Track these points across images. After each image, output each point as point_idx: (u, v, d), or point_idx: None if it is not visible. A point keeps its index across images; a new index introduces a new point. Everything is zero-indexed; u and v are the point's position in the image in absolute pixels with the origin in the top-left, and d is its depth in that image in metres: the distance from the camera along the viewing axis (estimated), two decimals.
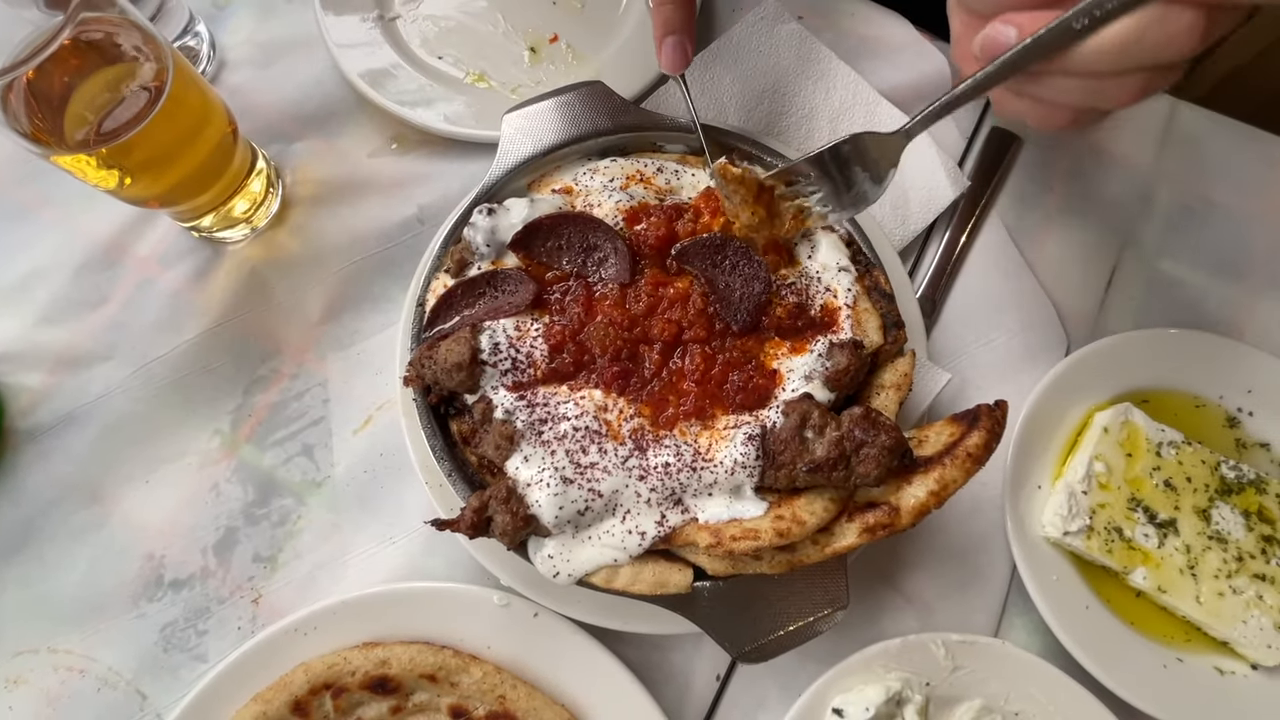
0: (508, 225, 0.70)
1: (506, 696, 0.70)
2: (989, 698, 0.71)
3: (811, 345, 0.69)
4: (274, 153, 0.92)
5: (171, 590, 0.78)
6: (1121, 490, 0.76)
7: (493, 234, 0.70)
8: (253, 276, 0.88)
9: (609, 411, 0.66)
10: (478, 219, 0.71)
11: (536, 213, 0.70)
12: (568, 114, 0.79)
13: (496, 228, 0.70)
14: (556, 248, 0.71)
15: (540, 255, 0.71)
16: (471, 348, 0.66)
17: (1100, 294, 0.89)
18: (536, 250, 0.71)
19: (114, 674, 0.75)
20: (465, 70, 0.95)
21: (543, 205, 0.72)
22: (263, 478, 0.81)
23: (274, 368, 0.85)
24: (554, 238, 0.71)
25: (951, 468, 0.62)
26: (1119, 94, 0.52)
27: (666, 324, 0.69)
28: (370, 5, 0.96)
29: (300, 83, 0.96)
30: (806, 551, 0.64)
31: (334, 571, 0.79)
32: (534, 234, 0.70)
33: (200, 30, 0.95)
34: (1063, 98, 0.54)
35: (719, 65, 0.94)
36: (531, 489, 0.62)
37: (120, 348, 0.85)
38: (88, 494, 0.80)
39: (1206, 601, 0.72)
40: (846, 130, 0.93)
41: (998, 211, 0.92)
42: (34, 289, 0.87)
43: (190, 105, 0.73)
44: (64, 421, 0.82)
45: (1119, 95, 0.52)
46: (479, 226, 0.71)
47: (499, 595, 0.72)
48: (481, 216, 0.71)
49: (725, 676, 0.76)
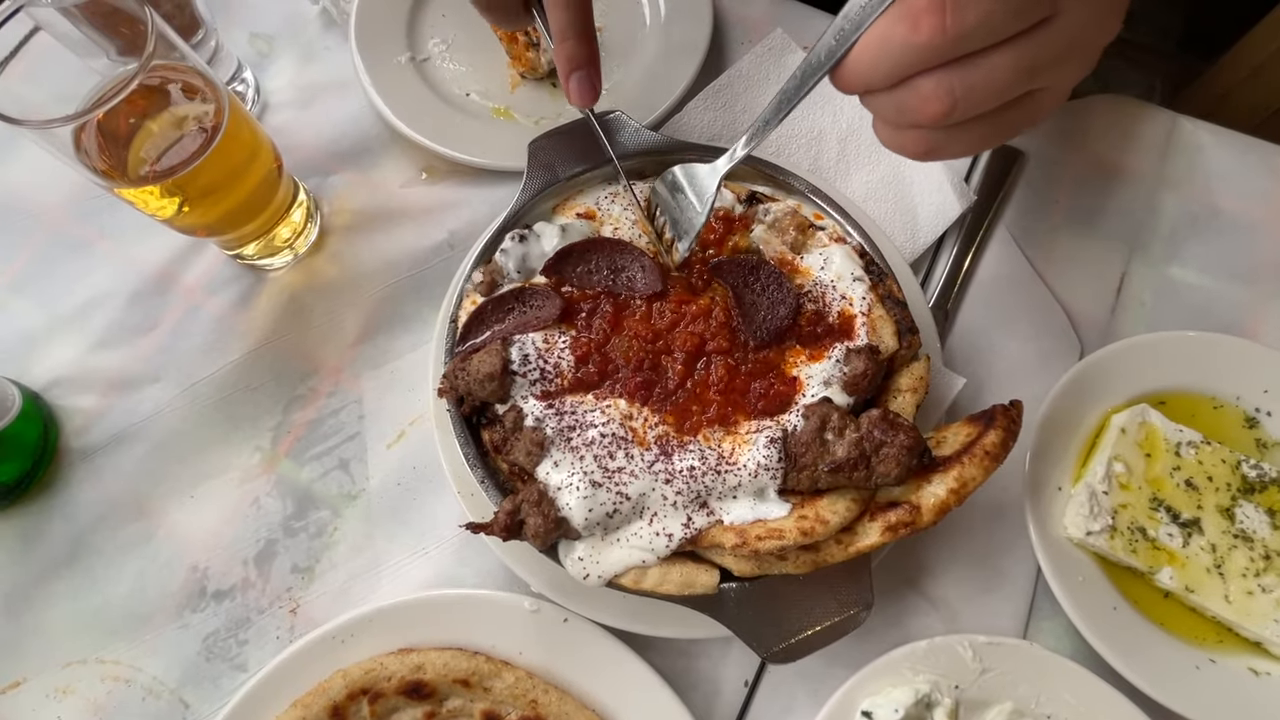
0: (539, 253, 0.75)
1: (538, 701, 0.71)
2: (1019, 700, 0.71)
3: (829, 352, 0.71)
4: (313, 185, 0.98)
5: (214, 601, 0.80)
6: (1143, 490, 0.77)
7: (524, 261, 0.75)
8: (292, 301, 0.93)
9: (634, 419, 0.69)
10: (509, 245, 0.75)
11: (567, 239, 0.75)
12: (588, 141, 0.84)
13: (528, 255, 0.75)
14: (586, 272, 0.75)
15: (571, 279, 0.75)
16: (502, 359, 0.69)
17: (1110, 301, 0.91)
18: (568, 275, 0.75)
19: (158, 683, 0.77)
20: (491, 104, 1.01)
21: (573, 232, 0.76)
22: (301, 491, 0.85)
23: (312, 386, 0.89)
24: (583, 263, 0.75)
25: (970, 466, 0.64)
26: (922, 108, 0.51)
27: (689, 336, 0.72)
28: (403, 48, 1.03)
29: (337, 121, 1.02)
30: (830, 551, 0.65)
31: (369, 581, 0.81)
32: (564, 260, 0.74)
33: (247, 76, 1.02)
34: (885, 115, 0.55)
35: (730, 94, 0.99)
36: (562, 493, 0.64)
37: (168, 370, 0.90)
38: (135, 509, 0.84)
39: (1236, 600, 0.72)
40: (854, 152, 0.97)
41: (1005, 224, 0.94)
42: (90, 316, 0.92)
43: (242, 141, 0.79)
44: (114, 440, 0.87)
45: (922, 109, 0.51)
46: (511, 253, 0.75)
47: (530, 601, 0.74)
48: (514, 243, 0.75)
49: (754, 682, 0.76)
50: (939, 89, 0.50)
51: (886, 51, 0.50)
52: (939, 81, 0.50)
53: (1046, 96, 0.54)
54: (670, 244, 0.75)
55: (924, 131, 0.54)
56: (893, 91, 0.52)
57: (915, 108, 0.52)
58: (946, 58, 0.49)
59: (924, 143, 0.55)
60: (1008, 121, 0.54)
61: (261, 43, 1.08)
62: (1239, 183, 0.96)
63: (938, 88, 0.50)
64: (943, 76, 0.50)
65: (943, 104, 0.50)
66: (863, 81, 0.53)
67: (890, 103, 0.53)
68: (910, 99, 0.51)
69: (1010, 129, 0.55)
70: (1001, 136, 0.56)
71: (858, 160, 0.96)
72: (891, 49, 0.50)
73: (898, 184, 0.94)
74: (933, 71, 0.50)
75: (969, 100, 0.50)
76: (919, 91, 0.51)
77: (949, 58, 0.49)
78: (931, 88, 0.50)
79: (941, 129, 0.53)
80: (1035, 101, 0.54)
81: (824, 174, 0.95)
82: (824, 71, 0.55)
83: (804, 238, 0.79)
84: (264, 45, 1.07)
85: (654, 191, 0.78)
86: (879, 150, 0.96)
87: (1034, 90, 0.53)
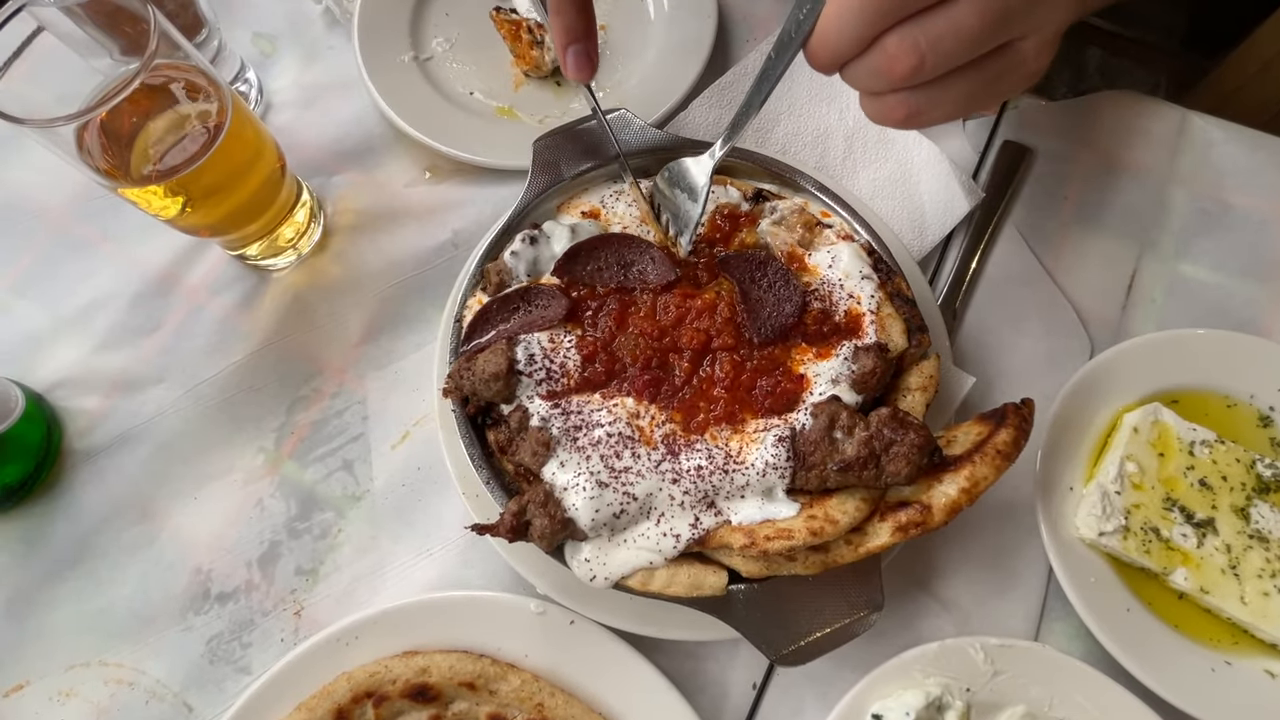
0: (549, 255, 0.74)
1: (544, 704, 0.70)
2: (1032, 703, 0.70)
3: (837, 350, 0.70)
4: (317, 185, 0.98)
5: (218, 603, 0.80)
6: (1156, 490, 0.76)
7: (534, 264, 0.74)
8: (296, 301, 0.93)
9: (641, 418, 0.68)
10: (520, 247, 0.75)
11: (576, 240, 0.74)
12: (593, 140, 0.83)
13: (539, 257, 0.74)
14: (596, 269, 0.74)
15: (582, 278, 0.74)
16: (508, 359, 0.68)
17: (1121, 298, 0.90)
18: (578, 274, 0.74)
19: (162, 686, 0.77)
20: (495, 103, 1.01)
21: (582, 232, 0.75)
22: (304, 493, 0.84)
23: (315, 387, 0.89)
24: (592, 260, 0.74)
25: (981, 465, 0.63)
26: (891, 67, 0.51)
27: (695, 333, 0.71)
28: (406, 47, 1.03)
29: (340, 121, 1.02)
30: (840, 552, 0.64)
31: (373, 583, 0.80)
32: (573, 259, 0.74)
33: (250, 76, 1.02)
34: (861, 84, 0.55)
35: (735, 91, 0.98)
36: (568, 493, 0.64)
37: (172, 371, 0.89)
38: (139, 511, 0.83)
39: (1252, 602, 0.71)
40: (860, 149, 0.96)
41: (1013, 221, 0.93)
42: (93, 318, 0.92)
43: (245, 141, 0.78)
44: (118, 442, 0.86)
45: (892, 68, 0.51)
46: (521, 255, 0.74)
47: (535, 603, 0.73)
48: (524, 245, 0.75)
49: (762, 684, 0.75)
50: (904, 43, 0.49)
51: (848, 12, 0.50)
52: (903, 36, 0.49)
53: (1028, 45, 0.53)
54: (674, 239, 0.75)
55: (903, 95, 0.53)
56: (863, 57, 0.52)
57: (885, 68, 0.51)
58: (908, 10, 0.49)
59: (904, 106, 0.54)
60: (991, 76, 0.53)
61: (264, 42, 1.07)
62: (1250, 178, 0.95)
63: (902, 42, 0.50)
64: (906, 30, 0.49)
65: (910, 58, 0.50)
66: (831, 49, 0.52)
67: (863, 69, 0.52)
68: (879, 60, 0.51)
69: (995, 84, 0.54)
70: (989, 95, 0.54)
71: (864, 158, 0.95)
72: (851, 8, 0.49)
73: (905, 182, 0.93)
74: (896, 27, 0.50)
75: (938, 51, 0.50)
76: (886, 50, 0.50)
77: (911, 10, 0.49)
78: (896, 43, 0.50)
79: (922, 89, 0.52)
80: (1017, 52, 0.53)
81: (830, 172, 0.94)
82: (797, 45, 0.54)
83: (811, 235, 0.78)
84: (267, 45, 1.07)
85: (655, 188, 0.77)
86: (886, 148, 0.95)
87: (1013, 40, 0.52)
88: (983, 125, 0.99)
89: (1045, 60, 0.54)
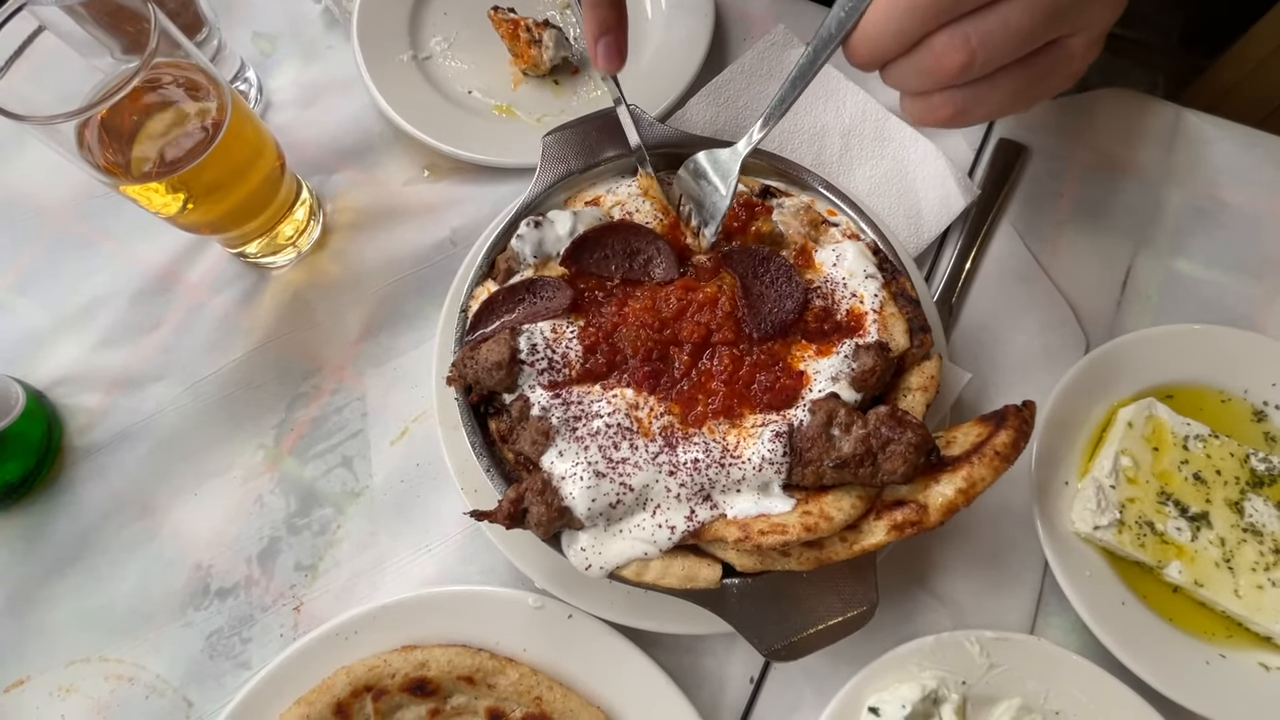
0: (554, 238, 0.75)
1: (543, 698, 0.70)
2: (1028, 696, 0.70)
3: (837, 348, 0.71)
4: (316, 184, 0.98)
5: (217, 599, 0.80)
6: (1150, 484, 0.76)
7: (540, 246, 0.75)
8: (295, 299, 0.93)
9: (640, 409, 0.68)
10: (525, 231, 0.76)
11: (580, 224, 0.75)
12: (600, 136, 0.83)
13: (543, 240, 0.75)
14: (603, 257, 0.75)
15: (589, 267, 0.75)
16: (511, 348, 0.69)
17: (1116, 294, 0.90)
18: (585, 262, 0.75)
19: (162, 682, 0.77)
20: (493, 102, 1.01)
21: (585, 217, 0.76)
22: (304, 489, 0.84)
23: (315, 384, 0.89)
24: (600, 249, 0.75)
25: (980, 466, 0.63)
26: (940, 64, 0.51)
27: (696, 326, 0.71)
28: (405, 46, 1.03)
29: (339, 120, 1.02)
30: (835, 549, 0.64)
31: (372, 579, 0.81)
32: (581, 247, 0.75)
33: (250, 76, 1.03)
34: (907, 83, 0.54)
35: (732, 90, 0.99)
36: (565, 482, 0.64)
37: (172, 368, 0.90)
38: (140, 507, 0.84)
39: (1245, 595, 0.72)
40: (857, 146, 0.97)
41: (1009, 219, 0.94)
42: (94, 315, 0.92)
43: (245, 139, 0.79)
44: (118, 439, 0.87)
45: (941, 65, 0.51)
46: (526, 238, 0.75)
47: (533, 598, 0.74)
48: (529, 229, 0.76)
49: (759, 679, 0.76)
50: (954, 40, 0.49)
51: (897, 10, 0.49)
52: (953, 33, 0.49)
53: (1076, 42, 0.52)
54: (697, 230, 0.75)
55: (950, 93, 0.53)
56: (910, 56, 0.52)
57: (934, 66, 0.51)
58: (961, 10, 0.49)
59: (950, 105, 0.54)
60: (1038, 72, 0.52)
61: (264, 42, 1.08)
62: (1245, 176, 0.95)
63: (953, 39, 0.49)
64: (956, 28, 0.49)
65: (960, 55, 0.49)
66: (874, 46, 0.52)
67: (909, 68, 0.52)
68: (927, 58, 0.50)
69: (1043, 81, 0.53)
70: (1035, 91, 0.54)
71: (861, 155, 0.96)
72: (901, 6, 0.49)
73: (901, 179, 0.94)
74: (946, 25, 0.49)
75: (988, 48, 0.49)
76: (934, 48, 0.50)
77: (964, 9, 0.49)
78: (946, 40, 0.49)
79: (969, 87, 0.52)
80: (1065, 49, 0.52)
81: (827, 169, 0.95)
82: (836, 43, 0.54)
83: (817, 233, 0.79)
84: (267, 44, 1.08)
85: (678, 179, 0.77)
86: (882, 145, 0.95)
87: (1061, 37, 0.51)
88: (979, 124, 0.99)
89: (1092, 57, 0.54)
